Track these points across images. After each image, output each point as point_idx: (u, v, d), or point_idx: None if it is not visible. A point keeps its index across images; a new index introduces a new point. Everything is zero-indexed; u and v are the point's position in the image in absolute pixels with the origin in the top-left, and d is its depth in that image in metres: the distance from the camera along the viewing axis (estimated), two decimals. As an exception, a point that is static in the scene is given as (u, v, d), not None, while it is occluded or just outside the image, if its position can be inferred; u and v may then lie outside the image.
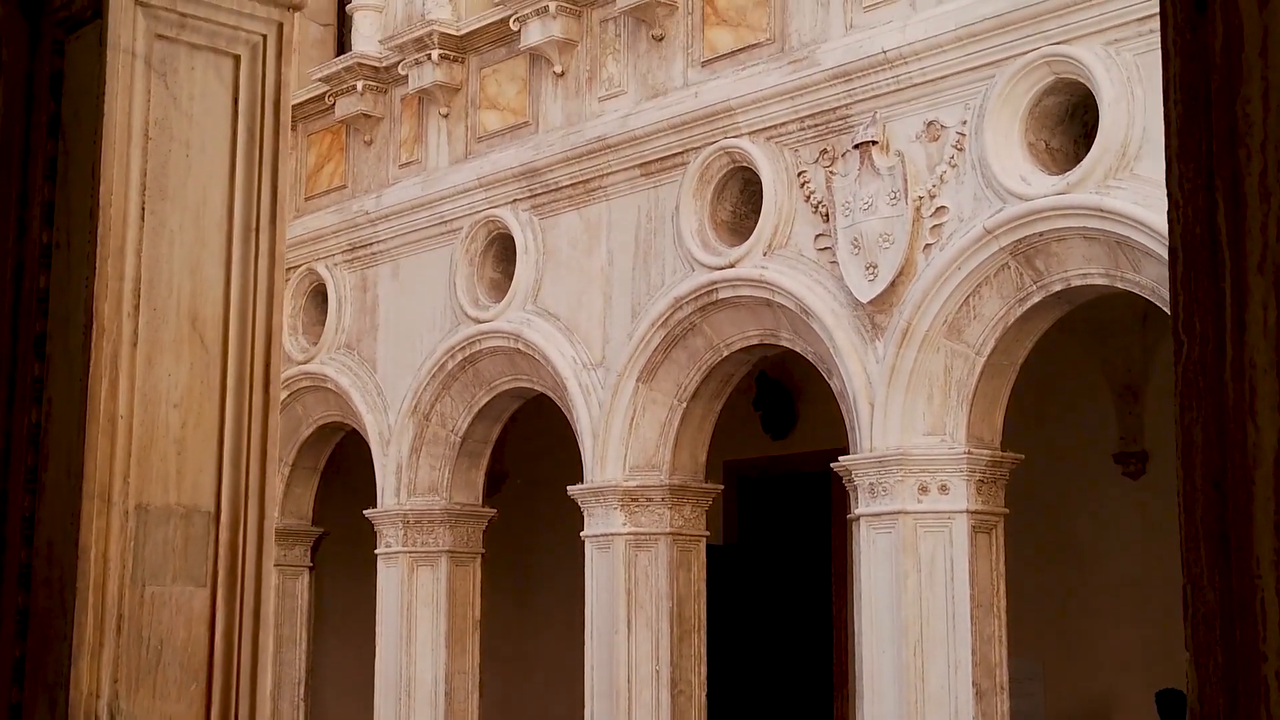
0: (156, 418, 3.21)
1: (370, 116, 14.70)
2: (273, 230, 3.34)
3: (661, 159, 12.04)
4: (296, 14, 3.41)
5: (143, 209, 3.20)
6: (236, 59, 3.35)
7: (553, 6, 12.68)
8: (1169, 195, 1.61)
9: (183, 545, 3.21)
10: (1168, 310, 7.01)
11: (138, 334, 3.18)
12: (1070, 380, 13.90)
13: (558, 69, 12.97)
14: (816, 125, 11.09)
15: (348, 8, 15.16)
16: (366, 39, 14.66)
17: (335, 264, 14.95)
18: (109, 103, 3.14)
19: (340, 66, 14.67)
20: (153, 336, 3.19)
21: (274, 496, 3.31)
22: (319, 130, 15.44)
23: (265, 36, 3.37)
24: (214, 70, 3.30)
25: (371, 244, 14.57)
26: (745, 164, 11.49)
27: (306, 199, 15.49)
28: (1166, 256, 7.04)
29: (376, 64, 14.48)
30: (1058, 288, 10.08)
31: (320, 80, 14.90)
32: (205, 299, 3.26)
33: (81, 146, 3.19)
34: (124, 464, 3.14)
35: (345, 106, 14.73)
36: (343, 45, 15.59)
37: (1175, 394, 1.56)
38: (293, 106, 13.20)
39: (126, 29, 3.18)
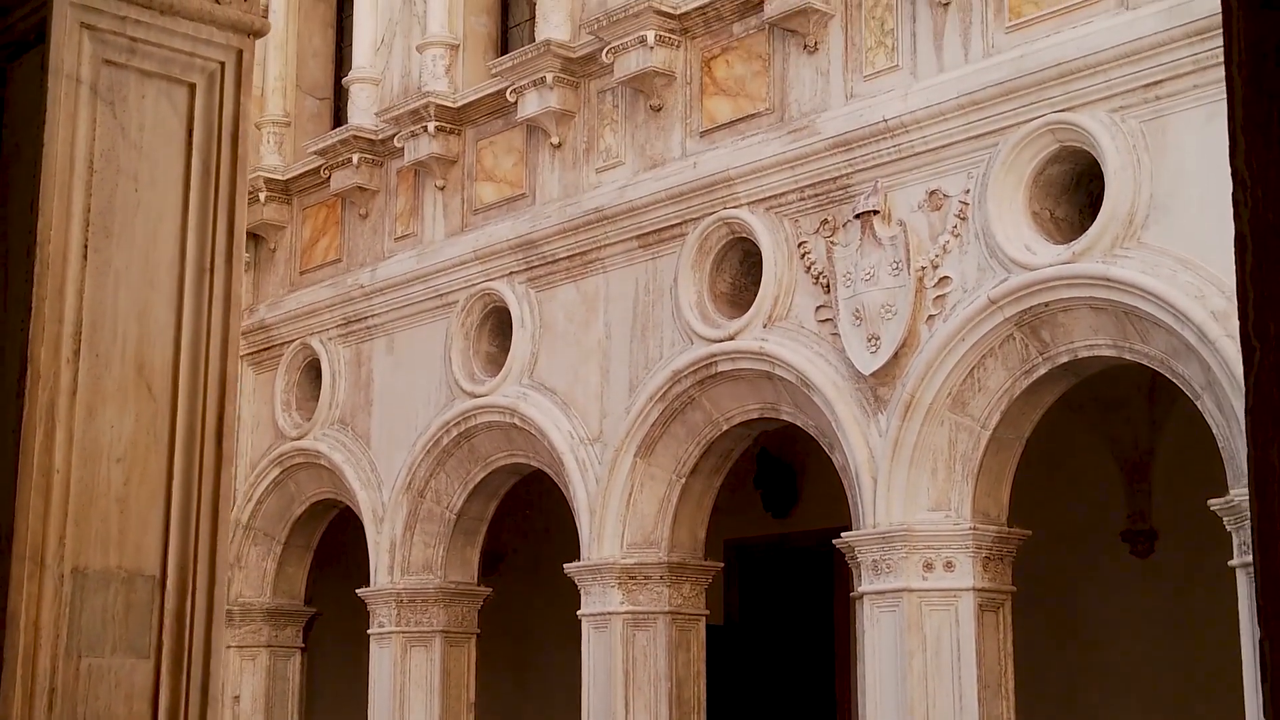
0: (97, 473, 2.95)
1: (366, 189, 14.55)
2: (228, 271, 3.10)
3: (659, 230, 11.87)
4: (257, 40, 3.19)
5: (85, 247, 2.96)
6: (191, 87, 3.13)
7: (550, 77, 12.55)
8: (1233, 173, 1.39)
9: (124, 613, 2.94)
10: (1177, 382, 6.75)
11: (78, 382, 2.93)
12: (1075, 456, 13.66)
13: (555, 140, 12.83)
14: (817, 195, 10.92)
15: (344, 80, 15.05)
16: (363, 112, 14.55)
17: (329, 338, 14.75)
18: (50, 132, 2.91)
19: (336, 139, 14.54)
20: (94, 385, 2.94)
21: (225, 560, 3.05)
22: (314, 204, 15.30)
23: (223, 64, 3.15)
24: (166, 99, 3.08)
25: (366, 318, 14.38)
26: (744, 235, 11.32)
27: (301, 273, 15.33)
28: (1176, 326, 6.73)
29: (372, 136, 14.36)
30: (1064, 359, 9.86)
31: (316, 153, 14.77)
32: (153, 345, 3.00)
33: (21, 179, 2.95)
34: (59, 523, 2.87)
35: (341, 179, 14.58)
36: (339, 119, 15.48)
37: (1246, 411, 1.33)
38: (288, 181, 13.09)
39: (71, 54, 2.95)
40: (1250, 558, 7.29)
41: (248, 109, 3.14)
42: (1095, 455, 13.79)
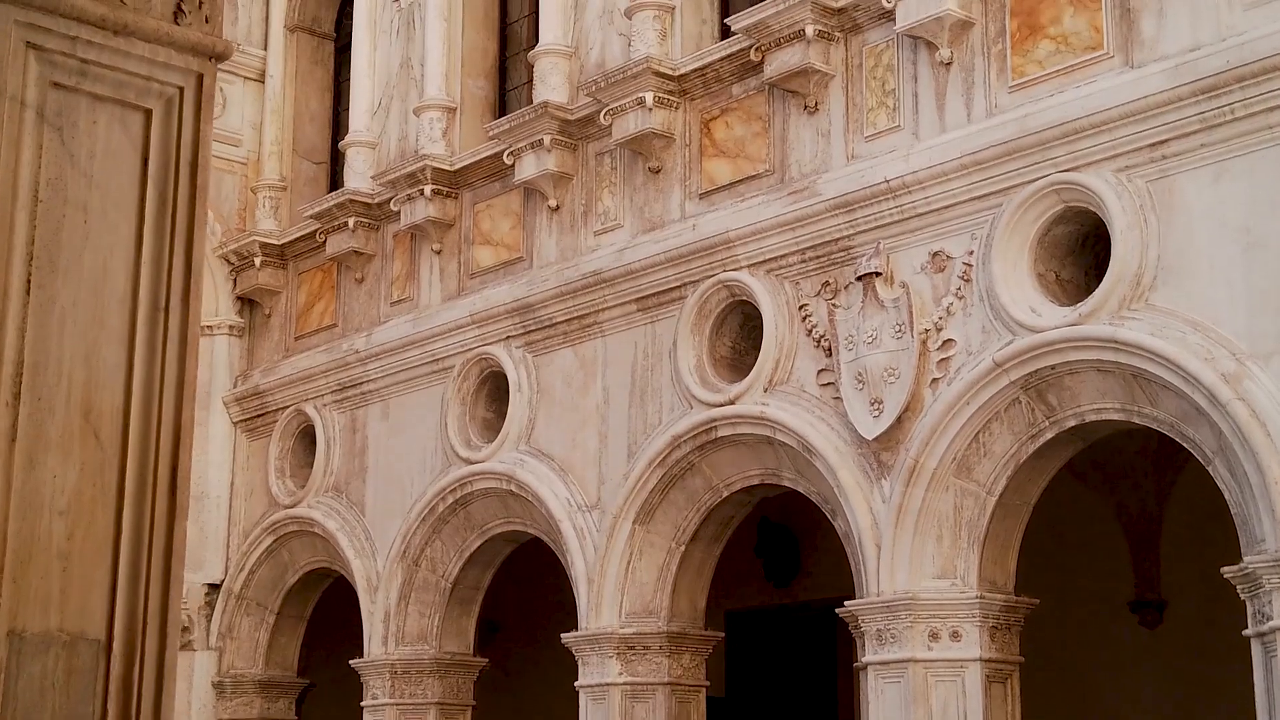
0: (37, 527, 2.72)
1: (362, 254, 14.39)
2: (185, 311, 2.89)
3: (658, 293, 11.70)
4: (218, 64, 3.00)
5: (28, 282, 2.75)
6: (148, 114, 2.93)
7: (547, 139, 12.41)
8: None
9: (65, 679, 2.71)
10: (1187, 446, 6.55)
11: (17, 428, 2.71)
12: (1080, 524, 13.44)
13: (552, 203, 12.68)
14: (818, 257, 10.75)
15: (341, 144, 14.93)
16: (359, 175, 14.42)
17: (324, 404, 14.55)
18: (-10, 157, 2.73)
19: (332, 203, 14.40)
20: (36, 431, 2.72)
21: (177, 623, 2.82)
22: (310, 269, 15.14)
23: (182, 89, 2.95)
24: (120, 125, 2.88)
25: (361, 383, 14.18)
26: (745, 297, 11.14)
27: (296, 338, 15.16)
28: (1186, 390, 6.57)
29: (369, 200, 14.21)
30: (1071, 423, 9.66)
31: (311, 217, 14.62)
32: (102, 388, 2.79)
33: (-41, 209, 2.76)
34: (-6, 582, 2.66)
35: (336, 244, 14.43)
36: (336, 183, 15.33)
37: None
38: (284, 245, 12.98)
39: (15, 74, 2.75)
40: (1264, 626, 7.01)
41: (208, 137, 2.95)
42: (1101, 523, 13.59)
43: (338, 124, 15.70)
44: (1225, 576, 8.83)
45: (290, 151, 15.69)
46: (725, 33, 11.72)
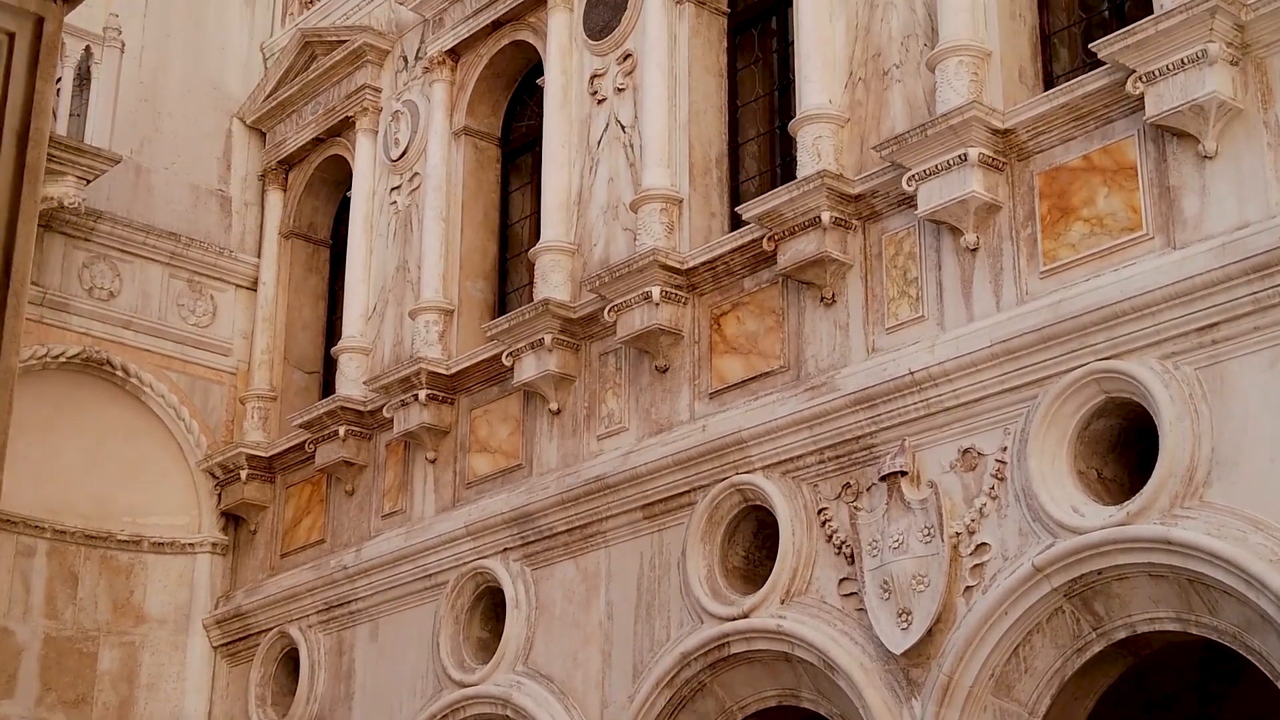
0: None
1: (352, 464, 13.64)
2: (-1, 329, 2.10)
3: (666, 499, 10.93)
4: (68, 10, 2.26)
5: None
6: (-37, 64, 2.21)
7: (548, 339, 11.76)
8: None
9: None
10: (1252, 659, 5.58)
11: None
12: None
13: (553, 406, 11.97)
14: (838, 457, 9.99)
15: (333, 351, 14.28)
16: (352, 383, 13.75)
17: (309, 625, 13.66)
18: None
19: (322, 410, 13.69)
20: None
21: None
22: (298, 482, 14.39)
23: (13, 35, 2.21)
24: (-75, 78, 2.16)
25: (350, 602, 13.31)
26: (759, 502, 10.37)
27: (282, 555, 14.33)
28: (1250, 595, 5.67)
29: (360, 407, 13.52)
30: (1121, 635, 8.80)
31: (301, 426, 13.90)
32: None
33: None
34: None
35: (326, 454, 13.68)
36: (327, 394, 14.63)
37: None
38: (272, 458, 12.10)
39: None
40: None
41: (47, 98, 2.19)
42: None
43: (331, 332, 15.10)
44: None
45: (281, 360, 15.06)
46: (736, 223, 11.14)
